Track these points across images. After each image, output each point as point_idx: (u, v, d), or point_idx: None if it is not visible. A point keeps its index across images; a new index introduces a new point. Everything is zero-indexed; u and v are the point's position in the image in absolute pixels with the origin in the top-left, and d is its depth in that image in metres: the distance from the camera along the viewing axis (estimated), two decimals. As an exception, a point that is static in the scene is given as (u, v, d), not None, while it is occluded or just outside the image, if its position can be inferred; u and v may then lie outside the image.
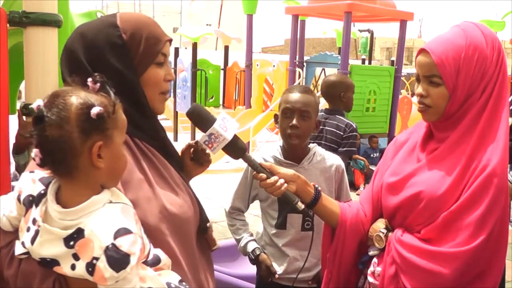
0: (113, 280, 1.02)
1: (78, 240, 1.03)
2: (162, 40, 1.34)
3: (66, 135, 1.03)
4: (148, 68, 1.32)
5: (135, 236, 1.04)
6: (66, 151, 1.04)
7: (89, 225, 1.04)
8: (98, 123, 1.04)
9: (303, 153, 2.14)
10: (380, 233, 1.54)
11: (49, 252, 1.06)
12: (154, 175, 1.30)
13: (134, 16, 1.35)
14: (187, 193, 1.38)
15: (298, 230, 2.13)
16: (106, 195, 1.10)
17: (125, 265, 1.01)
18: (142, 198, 1.23)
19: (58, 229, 1.05)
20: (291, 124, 2.06)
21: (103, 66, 1.26)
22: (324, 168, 2.14)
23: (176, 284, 1.20)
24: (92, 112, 1.03)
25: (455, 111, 1.45)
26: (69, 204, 1.07)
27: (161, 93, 1.36)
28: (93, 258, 1.01)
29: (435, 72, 1.43)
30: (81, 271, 1.03)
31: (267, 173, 1.53)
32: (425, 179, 1.46)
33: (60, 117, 1.03)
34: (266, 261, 2.15)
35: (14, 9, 1.73)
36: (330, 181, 2.14)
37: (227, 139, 1.41)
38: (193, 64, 9.76)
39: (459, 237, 1.37)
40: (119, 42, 1.28)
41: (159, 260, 1.19)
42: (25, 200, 1.12)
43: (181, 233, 1.32)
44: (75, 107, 1.04)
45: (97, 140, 1.05)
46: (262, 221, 2.24)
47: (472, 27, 1.46)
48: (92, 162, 1.06)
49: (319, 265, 2.10)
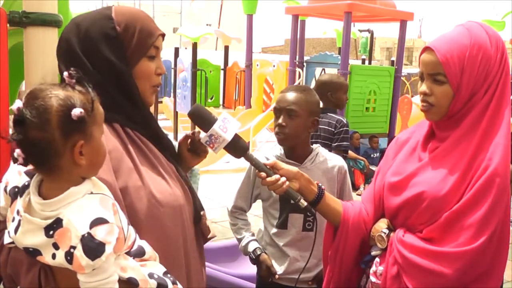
0: (89, 268, 1.04)
1: (57, 230, 1.06)
2: (155, 34, 1.37)
3: (47, 137, 1.04)
4: (140, 60, 1.34)
5: (111, 226, 1.07)
6: (48, 152, 1.05)
7: (67, 215, 1.06)
8: (79, 124, 1.05)
9: (305, 153, 2.14)
10: (382, 233, 1.54)
11: (30, 241, 1.09)
12: (143, 164, 1.32)
13: (129, 9, 1.38)
14: (178, 182, 1.39)
15: (299, 230, 2.13)
16: (87, 185, 1.12)
17: (100, 254, 1.03)
18: (131, 186, 1.25)
19: (39, 219, 1.07)
20: (277, 123, 2.07)
21: (96, 57, 1.29)
22: (327, 168, 2.14)
23: (160, 275, 1.21)
24: (73, 114, 1.04)
25: (458, 110, 1.45)
26: (50, 196, 1.09)
27: (152, 86, 1.38)
28: (71, 247, 1.04)
29: (440, 70, 1.42)
30: (61, 260, 1.06)
31: (268, 171, 1.54)
32: (427, 179, 1.46)
33: (41, 119, 1.03)
34: (266, 261, 2.15)
35: (14, 9, 1.73)
36: (333, 182, 2.14)
37: (226, 140, 1.43)
38: (193, 64, 9.76)
39: (461, 237, 1.37)
40: (112, 34, 1.31)
41: (143, 252, 1.21)
42: (11, 191, 1.15)
43: (172, 221, 1.32)
44: (55, 109, 1.04)
45: (78, 140, 1.07)
46: (263, 221, 2.24)
47: (476, 26, 1.46)
48: (74, 161, 1.08)
49: (320, 265, 2.10)
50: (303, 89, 2.16)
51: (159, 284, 1.19)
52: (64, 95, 1.06)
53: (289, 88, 2.17)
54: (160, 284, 1.19)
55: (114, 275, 1.09)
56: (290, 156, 2.13)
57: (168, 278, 1.22)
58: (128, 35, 1.32)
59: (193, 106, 1.51)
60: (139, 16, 1.36)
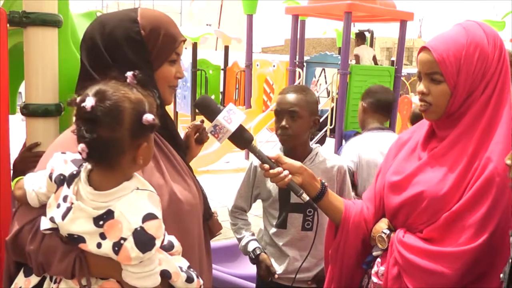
0: (137, 260, 1.10)
1: (107, 221, 1.11)
2: (177, 40, 1.40)
3: (117, 137, 1.09)
4: (163, 65, 1.38)
5: (160, 222, 1.13)
6: (114, 151, 1.11)
7: (119, 208, 1.11)
8: (148, 128, 1.12)
9: (305, 152, 2.14)
10: (383, 234, 1.54)
11: (78, 228, 1.13)
12: (165, 163, 1.37)
13: (154, 14, 1.41)
14: (193, 181, 1.45)
15: (298, 230, 2.13)
16: (134, 182, 1.18)
17: (151, 247, 1.10)
18: (154, 185, 1.29)
19: (90, 208, 1.12)
20: (281, 125, 2.07)
21: (119, 57, 1.32)
22: (326, 168, 2.14)
23: (186, 269, 1.26)
24: (145, 119, 1.10)
25: (457, 109, 1.45)
26: (101, 187, 1.14)
27: (170, 86, 1.43)
28: (121, 238, 1.09)
29: (436, 69, 1.43)
30: (107, 250, 1.11)
31: (272, 164, 1.55)
32: (427, 178, 1.46)
33: (114, 120, 1.08)
34: (266, 260, 2.15)
35: (14, 9, 1.73)
36: (332, 182, 2.14)
37: (230, 131, 1.47)
38: (193, 64, 9.76)
39: (462, 237, 1.37)
40: (137, 38, 1.34)
41: (172, 246, 1.26)
42: (56, 178, 1.18)
43: (190, 218, 1.38)
44: (129, 112, 1.09)
45: (143, 142, 1.13)
46: (263, 221, 2.24)
47: (473, 25, 1.46)
48: (134, 160, 1.14)
49: (319, 265, 2.10)
50: (301, 89, 2.16)
51: (187, 277, 1.24)
52: (135, 98, 1.11)
53: (288, 89, 2.16)
54: (188, 277, 1.24)
55: (158, 267, 1.15)
56: (289, 155, 2.12)
57: (192, 271, 1.27)
58: (152, 40, 1.35)
59: (200, 97, 1.56)
60: (164, 21, 1.39)
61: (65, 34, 1.86)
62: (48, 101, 1.75)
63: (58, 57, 1.78)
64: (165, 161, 1.38)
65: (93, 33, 1.35)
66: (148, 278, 1.14)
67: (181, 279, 1.22)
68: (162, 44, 1.36)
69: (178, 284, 1.22)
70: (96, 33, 1.35)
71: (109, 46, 1.33)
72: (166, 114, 1.45)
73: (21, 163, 1.78)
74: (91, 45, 1.35)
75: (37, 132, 1.78)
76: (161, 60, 1.37)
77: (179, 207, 1.34)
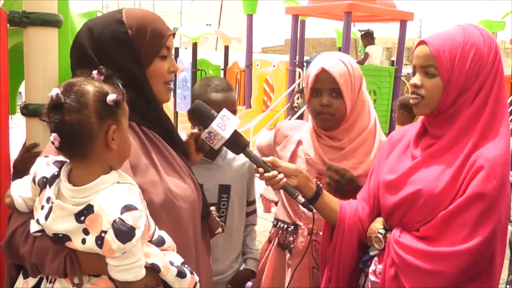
0: (120, 252, 1.10)
1: (88, 216, 1.12)
2: (165, 35, 1.40)
3: (85, 119, 1.12)
4: (153, 61, 1.39)
5: (140, 212, 1.13)
6: (84, 135, 1.13)
7: (98, 202, 1.13)
8: (113, 108, 1.15)
9: (216, 151, 2.01)
10: (379, 234, 1.54)
11: (61, 227, 1.15)
12: (160, 160, 1.37)
13: (139, 12, 1.42)
14: (190, 178, 1.45)
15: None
16: (114, 175, 1.19)
17: (131, 237, 1.10)
18: (148, 182, 1.30)
19: (70, 205, 1.13)
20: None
21: (110, 60, 1.32)
22: (238, 165, 2.11)
23: (179, 265, 1.26)
24: (108, 99, 1.13)
25: (448, 105, 1.46)
26: (80, 183, 1.16)
27: (165, 82, 1.43)
28: (102, 231, 1.10)
29: (431, 62, 1.45)
30: (91, 245, 1.12)
31: (267, 167, 1.56)
32: (423, 177, 1.46)
33: (79, 103, 1.12)
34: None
35: (14, 9, 1.73)
36: (243, 178, 2.12)
37: (224, 138, 1.46)
38: (193, 64, 9.75)
39: (458, 236, 1.37)
40: (124, 39, 1.35)
41: (163, 242, 1.26)
42: (39, 181, 1.21)
43: (186, 215, 1.38)
44: (92, 94, 1.13)
45: (111, 124, 1.15)
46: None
47: (471, 27, 1.48)
48: (106, 144, 1.16)
49: (233, 267, 2.09)
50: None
51: (179, 272, 1.24)
52: (98, 84, 1.16)
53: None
54: (180, 272, 1.24)
55: (141, 259, 1.16)
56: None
57: (185, 268, 1.27)
58: (140, 38, 1.36)
59: (193, 103, 1.55)
60: (149, 18, 1.40)
61: (65, 34, 1.87)
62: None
63: (58, 57, 1.78)
64: (160, 158, 1.38)
65: (82, 39, 1.36)
66: (128, 271, 1.14)
67: (171, 273, 1.22)
68: (150, 41, 1.37)
69: (169, 278, 1.22)
70: (85, 39, 1.35)
71: (97, 50, 1.34)
72: (161, 112, 1.45)
73: (21, 163, 1.79)
74: (80, 51, 1.35)
75: (37, 132, 1.79)
76: (151, 57, 1.38)
77: (174, 204, 1.34)
